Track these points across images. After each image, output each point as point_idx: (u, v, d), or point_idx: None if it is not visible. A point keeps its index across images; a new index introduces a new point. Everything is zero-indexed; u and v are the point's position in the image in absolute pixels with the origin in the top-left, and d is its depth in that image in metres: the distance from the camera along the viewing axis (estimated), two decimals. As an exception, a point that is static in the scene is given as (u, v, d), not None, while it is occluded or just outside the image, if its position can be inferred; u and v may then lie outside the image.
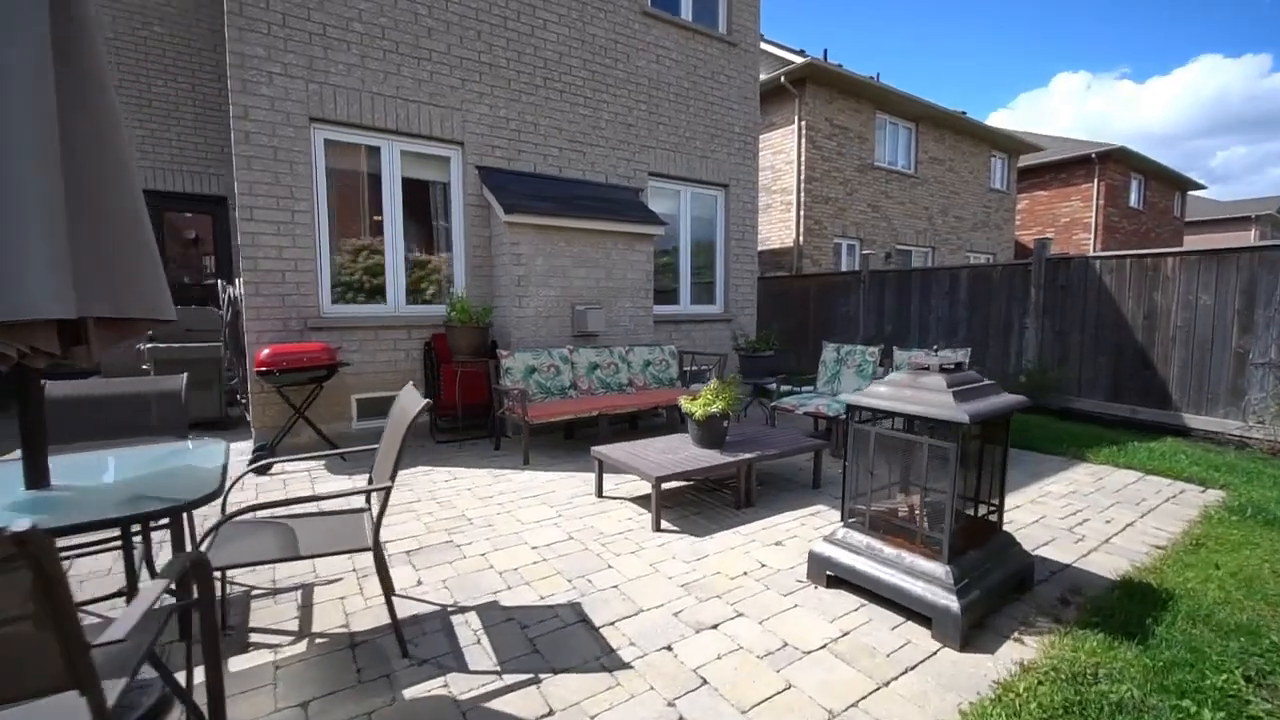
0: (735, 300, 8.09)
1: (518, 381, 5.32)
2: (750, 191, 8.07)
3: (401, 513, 3.67)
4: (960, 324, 8.35)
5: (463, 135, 5.79)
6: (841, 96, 13.08)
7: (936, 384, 2.45)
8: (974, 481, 2.73)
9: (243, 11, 4.72)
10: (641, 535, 3.34)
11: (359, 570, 2.88)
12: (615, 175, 6.85)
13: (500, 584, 2.75)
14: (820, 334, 10.43)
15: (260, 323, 4.96)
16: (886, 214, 14.25)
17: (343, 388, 5.35)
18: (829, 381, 5.79)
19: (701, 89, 7.49)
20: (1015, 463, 4.86)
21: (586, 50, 6.51)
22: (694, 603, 2.58)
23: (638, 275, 6.52)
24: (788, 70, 12.30)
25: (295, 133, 4.98)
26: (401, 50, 5.42)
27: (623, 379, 6.00)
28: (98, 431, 2.55)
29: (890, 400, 2.53)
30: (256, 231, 4.88)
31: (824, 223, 13.07)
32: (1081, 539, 3.33)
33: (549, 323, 5.93)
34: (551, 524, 3.51)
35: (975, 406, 2.34)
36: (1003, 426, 2.69)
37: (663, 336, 7.31)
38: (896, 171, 14.36)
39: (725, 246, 8.00)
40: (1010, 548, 2.68)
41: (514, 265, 5.67)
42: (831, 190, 13.14)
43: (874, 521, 2.66)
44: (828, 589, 2.70)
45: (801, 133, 12.57)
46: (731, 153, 7.84)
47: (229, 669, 2.10)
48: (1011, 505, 3.83)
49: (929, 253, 15.43)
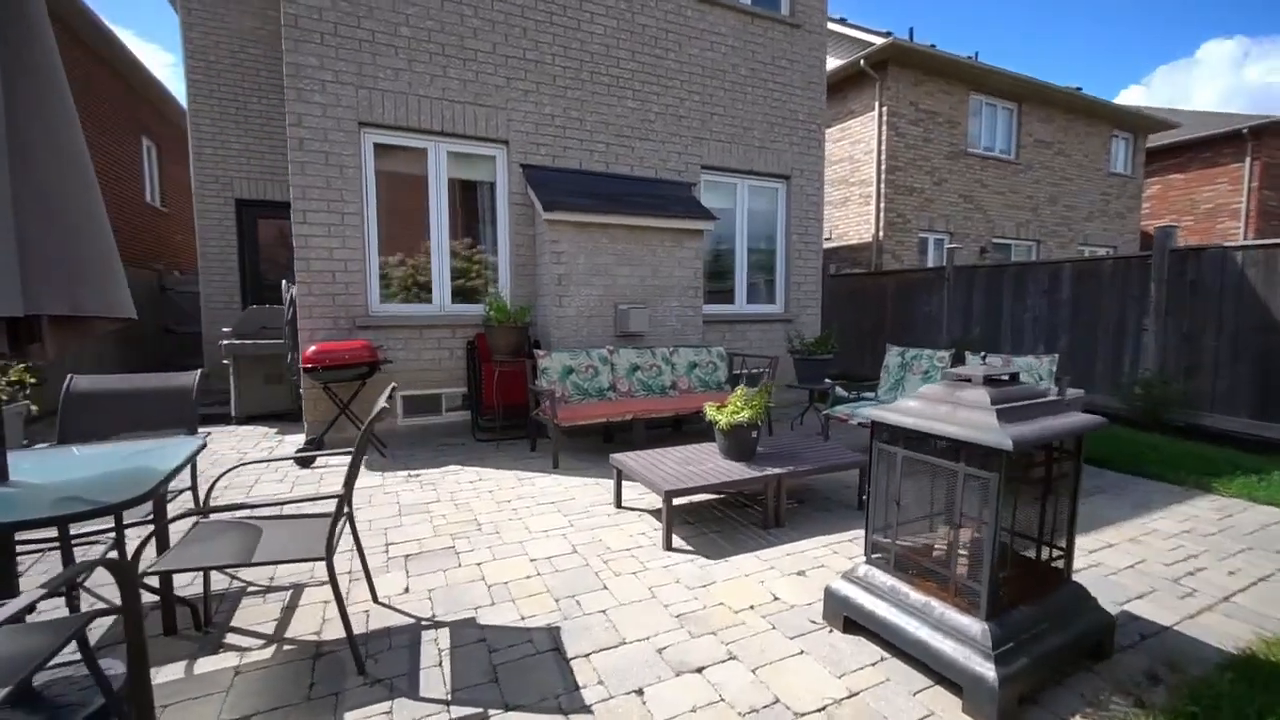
0: (797, 299, 7.57)
1: (554, 382, 5.21)
2: (815, 183, 7.52)
3: (417, 514, 3.64)
4: (1061, 326, 7.35)
5: (507, 134, 5.77)
6: (929, 78, 12.02)
7: (978, 400, 2.01)
8: (1037, 517, 2.24)
9: (298, 24, 4.93)
10: (649, 553, 3.08)
11: (353, 572, 2.83)
12: (666, 170, 6.59)
13: (485, 599, 2.60)
14: (898, 336, 9.61)
15: (312, 321, 5.17)
16: (981, 205, 12.95)
17: (388, 385, 5.46)
18: (892, 389, 5.21)
19: (760, 76, 7.05)
20: (1117, 490, 4.11)
21: (636, 41, 6.30)
22: (684, 638, 2.29)
23: (685, 273, 6.22)
24: (867, 53, 11.47)
25: (345, 137, 5.15)
26: (447, 52, 5.47)
27: (665, 381, 5.73)
28: (112, 425, 2.66)
29: (919, 417, 2.11)
30: (309, 234, 5.09)
31: (907, 216, 12.08)
32: (1190, 594, 2.68)
33: (591, 322, 5.78)
34: (560, 535, 3.33)
35: (1025, 429, 1.89)
36: (1072, 451, 2.18)
37: (715, 338, 6.96)
38: (994, 157, 13.02)
39: (786, 242, 7.50)
40: (1080, 602, 2.17)
41: (554, 264, 5.57)
42: (917, 180, 12.11)
43: (901, 560, 2.25)
44: (844, 634, 2.31)
45: (882, 119, 11.67)
46: (794, 142, 7.34)
47: (195, 670, 2.08)
48: (1099, 544, 3.19)
49: (1033, 247, 13.87)
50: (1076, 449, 2.18)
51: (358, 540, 2.53)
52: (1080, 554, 3.07)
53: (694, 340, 6.32)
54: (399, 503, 3.83)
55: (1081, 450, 2.18)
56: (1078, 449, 2.17)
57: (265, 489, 4.14)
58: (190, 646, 2.22)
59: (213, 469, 4.48)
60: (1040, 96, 13.28)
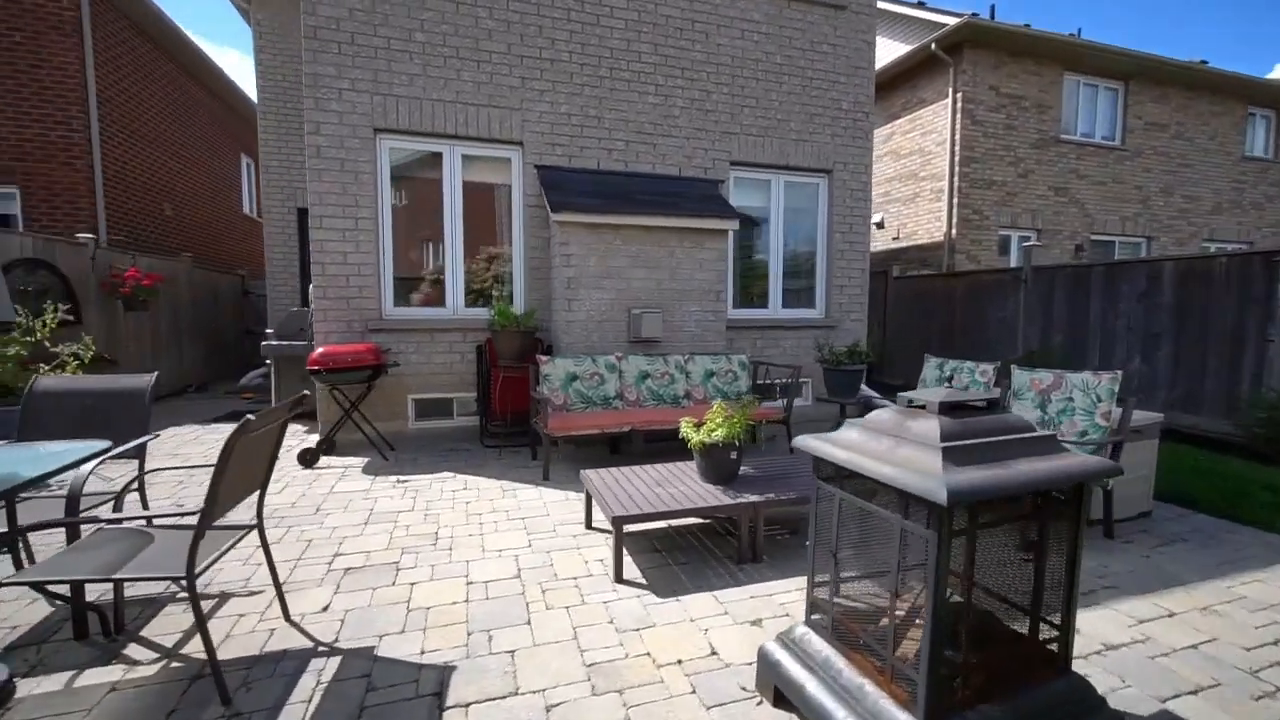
0: (839, 304, 6.96)
1: (555, 389, 5.02)
2: (860, 177, 6.89)
3: (383, 524, 3.54)
4: (1163, 335, 6.30)
5: (522, 135, 5.66)
6: (1013, 59, 10.83)
7: (924, 434, 1.57)
8: (1029, 580, 1.75)
9: (317, 35, 5.07)
10: (595, 585, 2.78)
11: (291, 584, 2.74)
12: (691, 167, 6.24)
13: (398, 625, 2.42)
14: (967, 345, 8.66)
15: (326, 324, 5.29)
16: (1077, 197, 11.51)
17: (400, 388, 5.51)
18: (928, 406, 4.58)
19: (798, 64, 6.54)
20: (1203, 539, 3.34)
21: (658, 33, 6.01)
22: (585, 694, 1.99)
23: (707, 275, 5.85)
24: (939, 35, 10.49)
25: (361, 144, 5.24)
26: (462, 55, 5.45)
27: (678, 391, 5.39)
28: (70, 425, 2.73)
29: (854, 451, 1.69)
30: (325, 239, 5.22)
31: (985, 212, 10.94)
32: (1271, 694, 2.03)
33: (602, 327, 5.55)
34: (512, 556, 3.10)
35: (977, 476, 1.43)
36: (1072, 503, 1.67)
37: (745, 345, 6.52)
38: (1093, 144, 11.54)
39: (828, 241, 6.92)
40: (1076, 704, 1.65)
41: (564, 266, 5.39)
42: (997, 172, 10.95)
43: (842, 627, 1.82)
44: (774, 709, 1.92)
45: (956, 107, 10.64)
46: (836, 133, 6.75)
47: (76, 683, 2.03)
48: (1156, 612, 2.55)
49: (1143, 244, 12.17)
50: (1076, 499, 1.67)
51: (268, 554, 2.43)
52: (1125, 624, 2.45)
53: (716, 347, 5.93)
54: (372, 510, 3.76)
55: (1083, 501, 1.67)
56: (1077, 499, 1.67)
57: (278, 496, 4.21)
58: (89, 654, 2.19)
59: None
60: (1153, 73, 11.62)
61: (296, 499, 3.96)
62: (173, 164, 11.07)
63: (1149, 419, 3.70)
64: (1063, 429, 3.56)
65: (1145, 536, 3.43)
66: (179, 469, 4.56)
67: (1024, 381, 3.87)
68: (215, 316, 10.18)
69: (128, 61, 9.77)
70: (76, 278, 6.72)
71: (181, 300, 9.14)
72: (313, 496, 4.02)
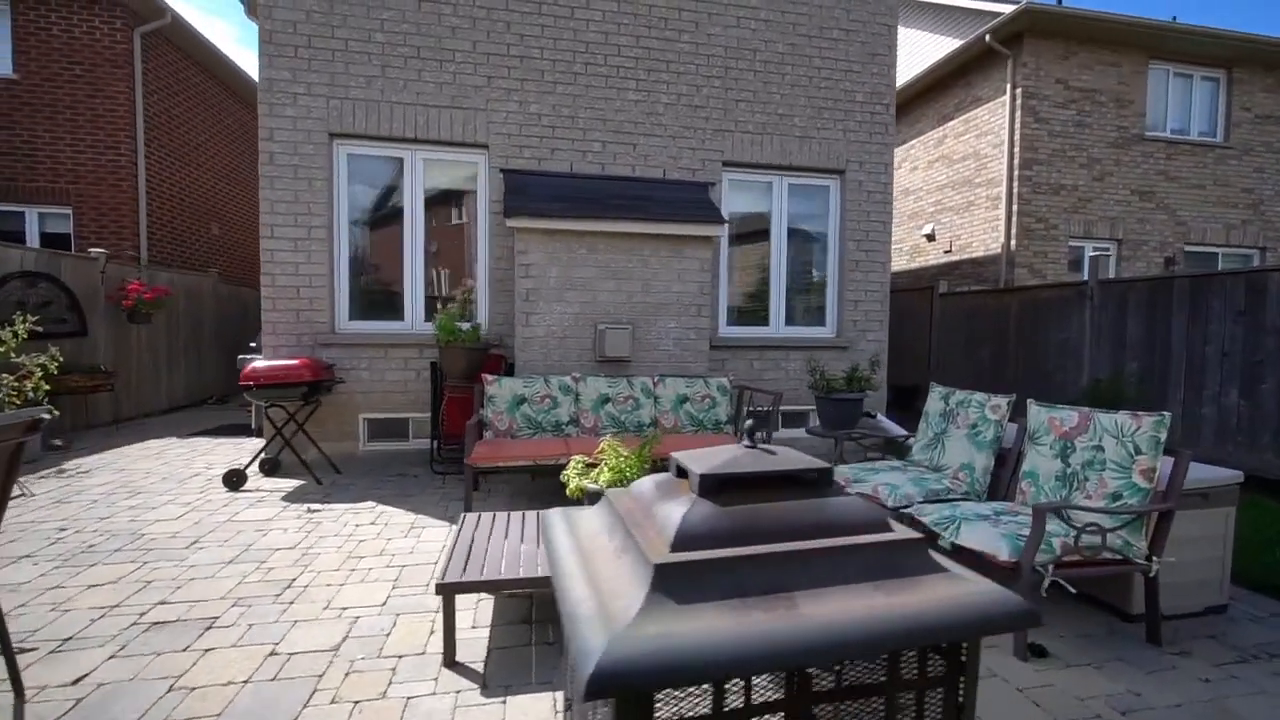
0: (853, 321, 6.08)
1: (499, 413, 4.50)
2: (879, 177, 6.03)
3: (247, 564, 3.10)
4: (1268, 363, 5.06)
5: (487, 137, 5.27)
6: (1084, 47, 9.56)
7: (656, 535, 0.90)
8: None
9: (272, 39, 4.91)
10: (417, 670, 2.19)
11: (79, 640, 2.32)
12: (677, 169, 5.64)
13: (135, 714, 1.92)
14: (1021, 372, 7.46)
15: (275, 337, 5.04)
16: (1166, 203, 9.95)
17: (351, 406, 5.18)
18: (929, 446, 3.71)
19: (803, 52, 5.83)
20: (1296, 661, 2.33)
21: (640, 24, 5.49)
22: None
23: (687, 288, 5.19)
24: (994, 25, 9.40)
25: (315, 149, 5.00)
26: (423, 54, 5.15)
27: (643, 418, 4.73)
28: None
29: (565, 552, 1.03)
30: (275, 248, 4.99)
31: (1052, 221, 9.62)
32: None
33: (564, 344, 5.00)
34: (353, 618, 2.56)
35: (689, 635, 0.75)
36: (950, 670, 0.93)
37: (740, 367, 5.79)
38: (1186, 141, 9.97)
39: (840, 251, 6.08)
40: None
41: (523, 277, 4.90)
42: (1067, 175, 9.63)
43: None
44: None
45: (1016, 103, 9.47)
46: (849, 129, 5.95)
47: None
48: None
49: (1255, 257, 10.36)
50: (952, 669, 0.93)
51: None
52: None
53: (699, 369, 5.23)
54: (250, 546, 3.34)
55: (972, 659, 0.92)
56: (954, 671, 0.92)
57: (165, 512, 3.92)
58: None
59: (163, 484, 4.44)
60: (1262, 58, 9.96)
61: (186, 527, 3.61)
62: (222, 186, 11.62)
63: (1221, 479, 2.71)
64: (1089, 488, 2.65)
65: (1212, 645, 2.45)
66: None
67: (1040, 421, 2.96)
68: (242, 330, 10.46)
69: (178, 89, 10.31)
70: (84, 291, 6.92)
71: (205, 313, 9.41)
72: (206, 525, 3.66)
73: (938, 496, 3.17)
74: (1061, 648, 2.42)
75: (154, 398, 8.16)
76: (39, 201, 8.98)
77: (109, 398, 7.05)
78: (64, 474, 4.78)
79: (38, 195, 8.94)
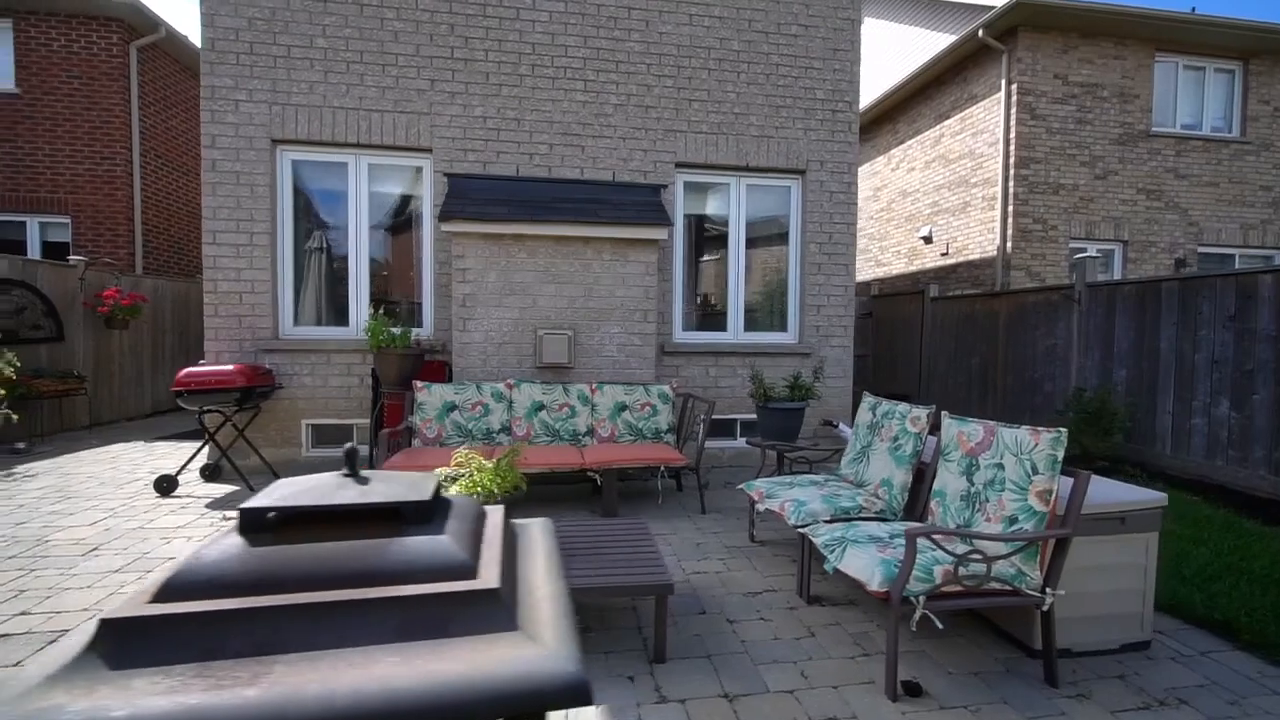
0: (815, 326, 5.85)
1: (428, 420, 4.41)
2: (842, 177, 5.80)
3: (124, 574, 3.04)
4: (1261, 371, 4.73)
5: (431, 141, 5.21)
6: (1085, 40, 9.15)
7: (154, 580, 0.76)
8: None
9: (214, 47, 4.93)
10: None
11: (-98, 654, 2.28)
12: (628, 171, 5.51)
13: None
14: (1009, 382, 7.12)
15: (217, 343, 5.04)
16: (1176, 202, 9.44)
17: (294, 412, 5.15)
18: (855, 460, 3.49)
19: (759, 49, 5.65)
20: (1216, 704, 2.07)
21: (588, 24, 5.38)
22: None
23: (632, 292, 5.04)
24: (988, 20, 9.06)
25: (257, 155, 5.00)
26: (366, 59, 5.12)
27: (579, 426, 4.59)
28: None
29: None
30: (217, 254, 5.00)
31: (1051, 221, 9.21)
32: None
33: (502, 351, 4.90)
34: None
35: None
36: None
37: (696, 374, 5.60)
38: (1198, 137, 9.46)
39: (801, 253, 5.86)
40: None
41: (460, 282, 4.82)
42: (1067, 174, 9.21)
43: None
44: None
45: (1011, 100, 9.10)
46: (810, 127, 5.74)
47: None
48: None
49: (1277, 257, 9.76)
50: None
51: None
52: None
53: (645, 376, 5.07)
54: (146, 554, 3.29)
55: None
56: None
57: (82, 518, 3.91)
58: None
59: (102, 487, 4.45)
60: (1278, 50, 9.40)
61: (95, 534, 3.59)
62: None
63: (1142, 501, 2.45)
64: (990, 510, 2.42)
65: (1117, 688, 2.20)
66: None
67: (951, 435, 2.73)
68: (233, 335, 10.62)
69: (173, 99, 10.57)
70: (62, 298, 7.08)
71: (193, 319, 9.57)
72: (115, 532, 3.64)
73: (845, 515, 2.95)
74: (943, 686, 2.19)
75: (137, 402, 8.31)
76: (40, 211, 9.27)
77: (84, 401, 7.18)
78: (11, 478, 4.84)
79: (39, 205, 9.23)
